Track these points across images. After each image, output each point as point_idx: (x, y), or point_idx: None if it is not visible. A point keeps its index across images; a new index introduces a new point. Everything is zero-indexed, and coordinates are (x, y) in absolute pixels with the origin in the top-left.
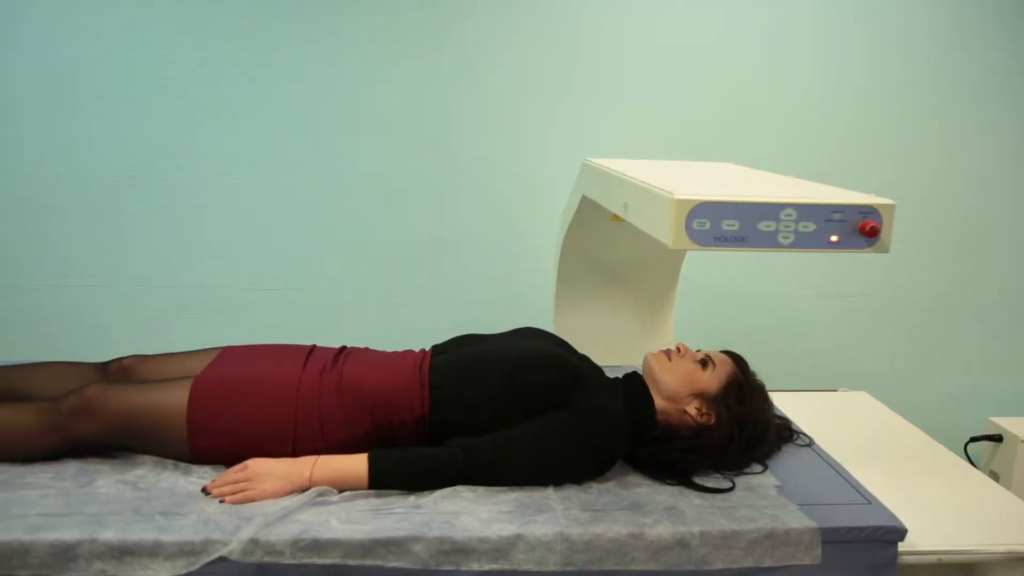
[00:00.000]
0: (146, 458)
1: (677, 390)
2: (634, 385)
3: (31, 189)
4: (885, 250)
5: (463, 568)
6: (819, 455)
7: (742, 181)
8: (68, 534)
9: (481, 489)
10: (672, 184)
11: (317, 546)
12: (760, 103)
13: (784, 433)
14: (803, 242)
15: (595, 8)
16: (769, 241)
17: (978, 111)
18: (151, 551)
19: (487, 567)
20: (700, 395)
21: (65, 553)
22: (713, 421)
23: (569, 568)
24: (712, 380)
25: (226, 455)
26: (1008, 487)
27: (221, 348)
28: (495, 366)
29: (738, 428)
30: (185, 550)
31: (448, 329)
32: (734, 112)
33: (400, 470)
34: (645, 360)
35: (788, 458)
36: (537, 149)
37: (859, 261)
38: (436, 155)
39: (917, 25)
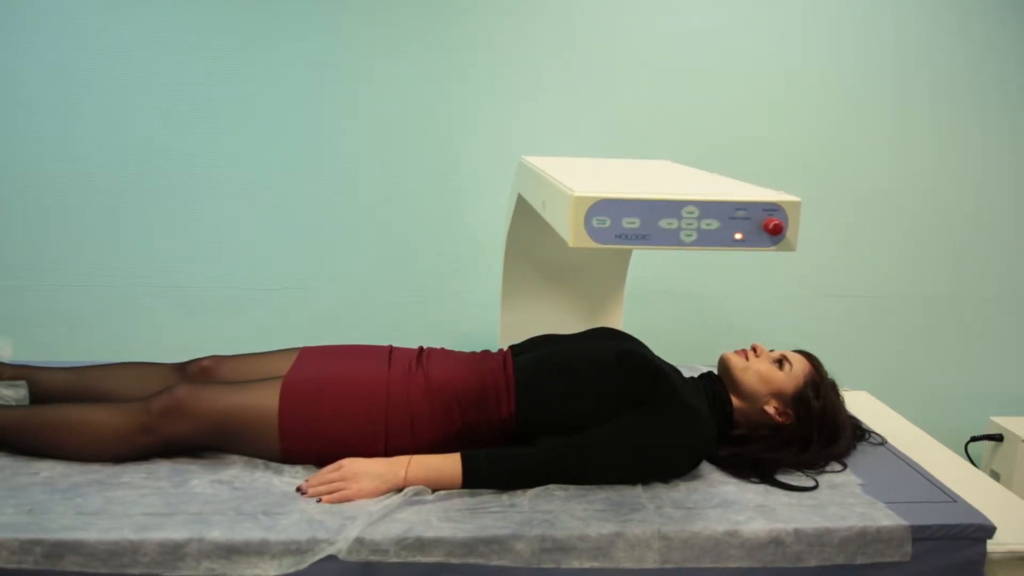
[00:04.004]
0: (235, 458)
1: (756, 390)
2: (711, 385)
3: (30, 189)
4: (791, 248)
5: (563, 566)
6: (895, 454)
7: (657, 179)
8: (176, 533)
9: (572, 488)
10: (576, 181)
11: (421, 544)
12: (752, 103)
13: (857, 432)
14: (706, 240)
15: (589, 6)
16: (671, 239)
17: (978, 110)
18: (258, 550)
19: (587, 564)
20: (778, 395)
21: (174, 552)
22: (792, 420)
23: (667, 566)
24: (789, 380)
25: (317, 455)
26: (1009, 487)
27: (298, 349)
28: (578, 366)
29: (816, 427)
30: (292, 549)
31: (449, 330)
32: (726, 112)
33: (494, 470)
34: (722, 360)
35: (865, 457)
36: (525, 146)
37: (859, 261)
38: (434, 156)
39: (913, 21)
